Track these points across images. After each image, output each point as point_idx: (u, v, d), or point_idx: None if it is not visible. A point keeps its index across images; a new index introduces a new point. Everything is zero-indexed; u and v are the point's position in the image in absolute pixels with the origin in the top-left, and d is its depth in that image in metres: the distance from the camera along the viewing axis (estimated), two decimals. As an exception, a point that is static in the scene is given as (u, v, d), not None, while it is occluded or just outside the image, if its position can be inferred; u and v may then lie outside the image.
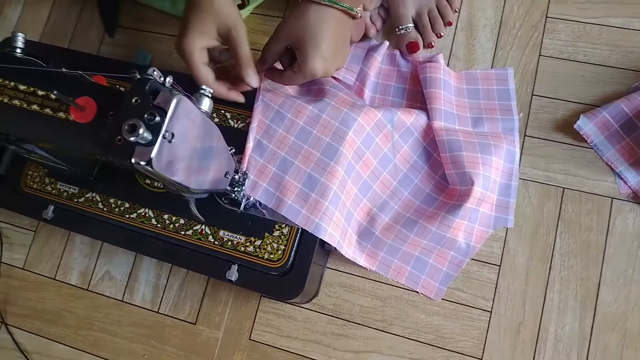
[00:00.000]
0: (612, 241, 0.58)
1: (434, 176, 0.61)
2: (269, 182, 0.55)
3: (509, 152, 0.60)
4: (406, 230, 0.58)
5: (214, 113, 0.60)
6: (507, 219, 0.59)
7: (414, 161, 0.62)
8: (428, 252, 0.59)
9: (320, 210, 0.53)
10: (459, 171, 0.58)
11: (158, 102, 0.38)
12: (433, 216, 0.58)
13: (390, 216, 0.60)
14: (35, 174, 0.62)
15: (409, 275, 0.59)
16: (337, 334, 0.61)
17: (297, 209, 0.54)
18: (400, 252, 0.59)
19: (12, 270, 0.71)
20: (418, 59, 0.65)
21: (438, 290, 0.59)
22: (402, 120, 0.59)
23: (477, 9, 0.67)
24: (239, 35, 0.53)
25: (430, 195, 0.61)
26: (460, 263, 0.59)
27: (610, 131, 0.59)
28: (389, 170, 0.60)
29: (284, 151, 0.56)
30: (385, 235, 0.59)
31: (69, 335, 0.67)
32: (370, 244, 0.59)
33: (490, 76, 0.64)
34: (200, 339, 0.63)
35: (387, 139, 0.59)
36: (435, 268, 0.59)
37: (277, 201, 0.55)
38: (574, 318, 0.57)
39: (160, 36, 0.74)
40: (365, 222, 0.60)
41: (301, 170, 0.55)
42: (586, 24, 0.64)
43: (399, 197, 0.61)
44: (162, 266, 0.67)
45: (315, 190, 0.54)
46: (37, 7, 0.80)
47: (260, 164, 0.56)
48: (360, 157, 0.58)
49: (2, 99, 0.43)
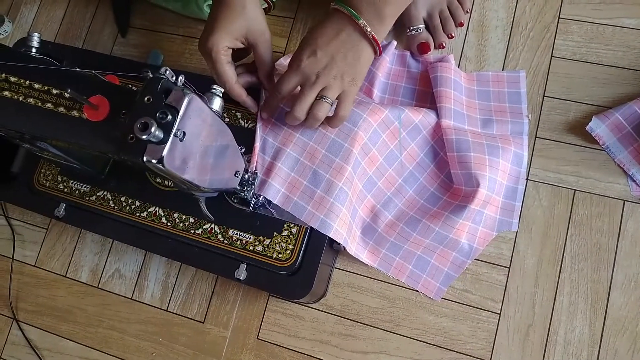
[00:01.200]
0: (624, 244, 0.57)
1: (440, 175, 0.61)
2: (275, 179, 0.56)
3: (516, 155, 0.60)
4: (409, 229, 0.58)
5: (225, 112, 0.60)
6: (512, 223, 0.59)
7: (421, 159, 0.61)
8: (430, 251, 0.59)
9: (325, 207, 0.53)
10: (465, 172, 0.57)
11: (170, 101, 0.38)
12: (436, 215, 0.58)
13: (393, 214, 0.60)
14: (48, 172, 0.63)
15: (410, 274, 0.59)
16: (345, 335, 0.61)
17: (302, 206, 0.54)
18: (402, 250, 0.59)
19: (23, 267, 0.72)
20: (429, 59, 0.65)
21: (438, 290, 0.59)
22: (410, 117, 0.59)
23: (488, 10, 0.67)
24: (267, 42, 0.55)
25: (435, 194, 0.61)
26: (462, 264, 0.58)
27: (622, 133, 0.58)
28: (394, 168, 0.60)
29: (290, 148, 0.56)
30: (388, 232, 0.59)
31: (79, 332, 0.67)
32: (372, 240, 0.59)
33: (501, 78, 0.64)
34: (208, 337, 0.64)
35: (394, 136, 0.59)
36: (436, 268, 0.59)
37: (283, 198, 0.55)
38: (584, 321, 0.56)
39: (173, 36, 0.75)
40: (369, 219, 0.60)
41: (307, 167, 0.55)
42: (599, 25, 0.64)
43: (404, 194, 0.61)
44: (171, 265, 0.67)
45: (320, 187, 0.54)
46: (52, 8, 0.81)
47: (267, 161, 0.56)
48: (367, 153, 0.58)
49: (17, 98, 0.43)
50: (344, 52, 0.50)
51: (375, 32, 0.50)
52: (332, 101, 0.51)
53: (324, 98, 0.51)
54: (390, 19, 0.51)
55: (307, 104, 0.51)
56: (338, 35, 0.50)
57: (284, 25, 0.72)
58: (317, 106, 0.51)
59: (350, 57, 0.50)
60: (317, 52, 0.50)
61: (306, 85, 0.51)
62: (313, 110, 0.51)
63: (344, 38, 0.50)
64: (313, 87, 0.51)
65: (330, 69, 0.50)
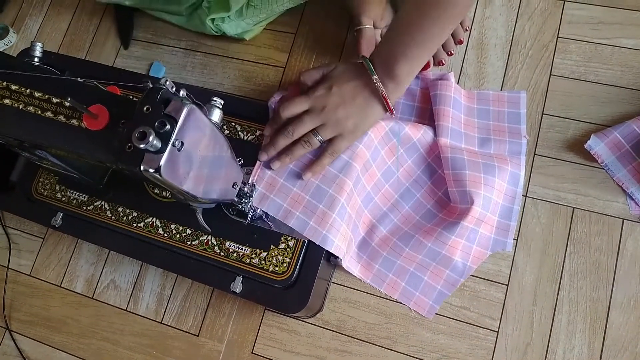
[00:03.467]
0: (623, 263, 0.57)
1: (437, 192, 0.61)
2: (277, 194, 0.55)
3: (513, 175, 0.60)
4: (402, 244, 0.58)
5: (224, 125, 0.61)
6: (506, 242, 0.58)
7: (417, 176, 0.62)
8: (424, 268, 0.58)
9: (327, 222, 0.53)
10: (460, 189, 0.57)
11: (169, 111, 0.38)
12: (429, 231, 0.58)
13: (388, 228, 0.60)
14: (46, 181, 0.63)
15: (403, 291, 0.59)
16: (341, 350, 0.60)
17: (304, 221, 0.54)
18: (395, 266, 0.59)
19: (18, 277, 0.71)
20: (428, 76, 0.66)
21: (430, 307, 0.58)
22: (408, 135, 0.59)
23: (488, 28, 0.68)
24: None
25: (431, 211, 0.61)
26: (455, 282, 0.58)
27: (621, 151, 0.58)
28: (391, 183, 0.60)
29: (292, 164, 0.56)
30: (381, 247, 0.59)
31: (72, 344, 0.67)
32: (366, 255, 0.59)
33: (502, 98, 0.64)
34: (202, 351, 0.63)
35: (392, 153, 0.59)
36: (429, 285, 0.58)
37: (284, 212, 0.55)
38: (582, 340, 0.56)
39: (175, 49, 0.76)
40: (364, 233, 0.60)
41: (309, 182, 0.55)
42: (598, 45, 0.64)
43: (399, 210, 0.61)
44: (167, 276, 0.67)
45: (323, 202, 0.54)
46: (56, 20, 0.82)
47: (269, 176, 0.56)
48: (367, 169, 0.58)
49: (17, 105, 0.43)
50: (357, 99, 0.52)
51: (387, 90, 0.51)
52: (322, 141, 0.53)
53: (316, 135, 0.53)
54: (404, 78, 0.51)
55: (301, 131, 0.53)
56: (356, 83, 0.52)
57: (285, 41, 0.72)
58: (307, 137, 0.53)
59: (360, 105, 0.52)
60: (332, 88, 0.52)
61: (310, 113, 0.53)
62: (302, 139, 0.53)
63: (360, 87, 0.52)
64: (314, 117, 0.52)
65: (338, 108, 0.52)
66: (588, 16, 0.65)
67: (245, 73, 0.72)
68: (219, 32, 0.71)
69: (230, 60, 0.73)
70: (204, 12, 0.69)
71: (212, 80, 0.73)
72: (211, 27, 0.70)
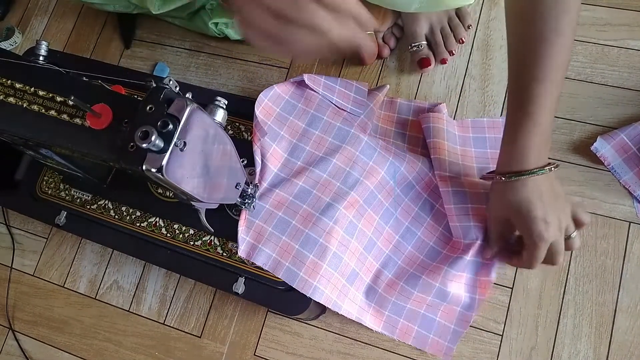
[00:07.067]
0: (629, 266, 0.56)
1: (438, 228, 0.59)
2: (266, 244, 0.54)
3: None
4: (409, 287, 0.56)
5: (229, 125, 0.61)
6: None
7: (416, 213, 0.60)
8: (434, 309, 0.56)
9: (318, 273, 0.52)
10: (464, 224, 0.56)
11: (172, 111, 0.38)
12: (436, 270, 0.55)
13: (393, 272, 0.58)
14: (50, 179, 0.63)
15: (417, 335, 0.57)
16: (344, 353, 0.59)
17: (294, 272, 0.52)
18: (405, 311, 0.56)
19: (22, 277, 0.71)
20: (423, 105, 0.64)
21: (447, 349, 0.56)
22: (404, 175, 0.58)
23: (493, 30, 0.67)
24: None
25: (435, 248, 0.59)
26: (467, 318, 0.56)
27: (628, 154, 0.58)
28: (390, 225, 0.59)
29: (282, 211, 0.55)
30: (389, 292, 0.56)
31: (75, 344, 0.66)
32: (374, 302, 0.57)
33: (497, 124, 0.62)
34: (204, 352, 0.63)
35: (389, 195, 0.58)
36: (443, 325, 0.56)
37: (274, 263, 0.53)
38: (588, 345, 0.55)
39: (179, 50, 0.76)
40: (370, 280, 0.57)
41: (299, 231, 0.54)
42: (604, 46, 0.64)
43: (402, 251, 0.59)
44: (169, 277, 0.66)
45: (313, 252, 0.53)
46: (62, 20, 0.83)
47: (257, 225, 0.55)
48: (362, 214, 0.57)
49: (21, 104, 0.44)
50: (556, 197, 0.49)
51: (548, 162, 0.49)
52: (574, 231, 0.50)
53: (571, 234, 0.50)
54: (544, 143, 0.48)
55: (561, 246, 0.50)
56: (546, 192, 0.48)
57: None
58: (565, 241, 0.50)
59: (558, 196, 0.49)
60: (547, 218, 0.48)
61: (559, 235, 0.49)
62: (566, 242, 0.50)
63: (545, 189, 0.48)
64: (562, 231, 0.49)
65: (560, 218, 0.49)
66: (594, 17, 0.65)
67: (249, 74, 0.72)
68: (221, 35, 0.71)
69: (234, 61, 0.73)
70: (206, 14, 0.69)
71: (216, 81, 0.73)
72: (214, 30, 0.70)
